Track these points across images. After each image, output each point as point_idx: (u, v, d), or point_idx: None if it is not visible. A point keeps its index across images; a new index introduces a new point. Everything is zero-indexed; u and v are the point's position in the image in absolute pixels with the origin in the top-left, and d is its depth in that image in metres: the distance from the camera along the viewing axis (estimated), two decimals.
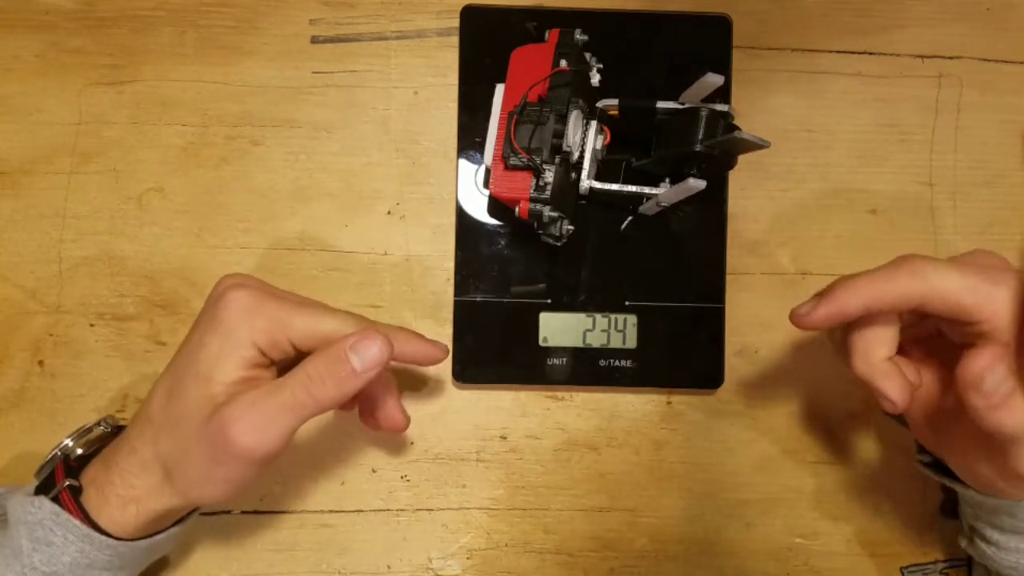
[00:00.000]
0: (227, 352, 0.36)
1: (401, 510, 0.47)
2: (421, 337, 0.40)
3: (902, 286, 0.35)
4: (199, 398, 0.35)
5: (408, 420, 0.42)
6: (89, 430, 0.41)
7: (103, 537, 0.36)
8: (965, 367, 0.33)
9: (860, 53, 0.48)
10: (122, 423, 0.43)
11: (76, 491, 0.37)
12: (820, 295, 0.37)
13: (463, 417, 0.47)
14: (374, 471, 0.47)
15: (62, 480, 0.37)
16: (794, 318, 0.37)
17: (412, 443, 0.47)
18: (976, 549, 0.41)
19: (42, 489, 0.37)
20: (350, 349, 0.35)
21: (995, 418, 0.33)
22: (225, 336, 0.36)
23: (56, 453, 0.39)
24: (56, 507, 0.36)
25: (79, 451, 0.39)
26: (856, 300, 0.35)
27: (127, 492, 0.36)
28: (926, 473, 0.42)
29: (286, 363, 0.39)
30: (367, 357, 0.35)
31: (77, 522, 0.35)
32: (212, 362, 0.36)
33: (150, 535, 0.38)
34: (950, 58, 0.49)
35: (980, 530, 0.41)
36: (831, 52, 0.48)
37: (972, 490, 0.39)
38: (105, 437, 0.41)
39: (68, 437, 0.40)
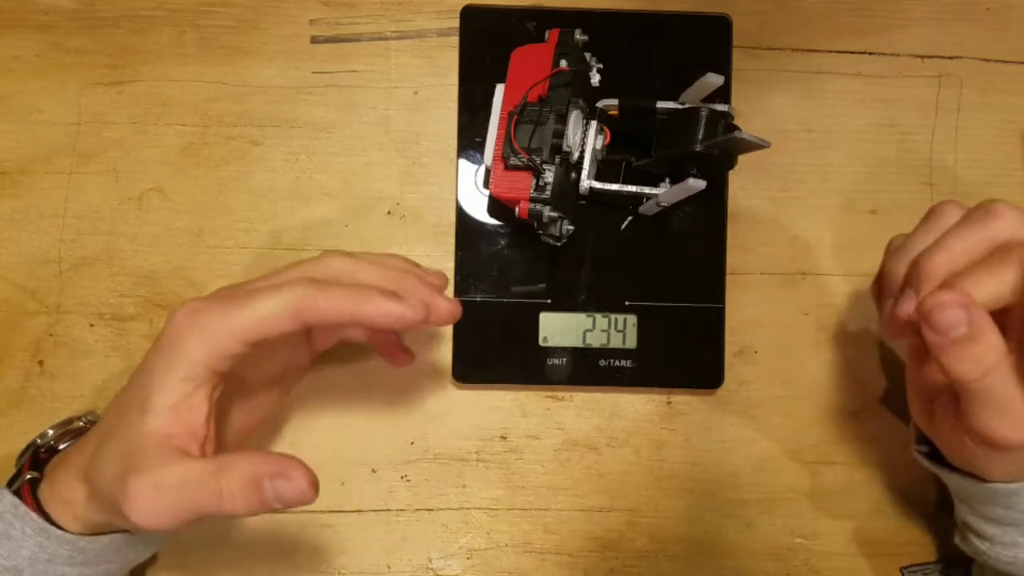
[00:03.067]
0: (167, 375, 0.33)
1: (401, 510, 0.47)
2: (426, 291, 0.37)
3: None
4: (132, 433, 0.33)
5: (413, 356, 0.43)
6: (70, 422, 0.40)
7: (60, 532, 0.35)
8: (925, 299, 0.33)
9: (860, 53, 0.48)
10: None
11: (35, 483, 0.36)
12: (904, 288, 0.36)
13: (463, 417, 0.47)
14: (374, 471, 0.47)
15: (26, 471, 0.36)
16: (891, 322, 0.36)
17: (412, 443, 0.47)
18: (970, 545, 0.41)
19: (12, 480, 0.37)
20: (269, 478, 0.32)
21: (945, 360, 0.33)
22: (167, 359, 0.33)
23: (35, 440, 0.38)
24: (16, 500, 0.35)
25: (52, 443, 0.39)
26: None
27: (67, 494, 0.35)
28: (923, 463, 0.42)
29: (256, 362, 0.38)
30: (284, 495, 0.32)
31: (34, 515, 0.34)
32: (153, 388, 0.33)
33: (110, 532, 0.37)
34: (950, 58, 0.49)
35: (973, 525, 0.40)
36: (831, 52, 0.48)
37: (966, 477, 0.38)
38: (80, 431, 0.40)
39: (52, 427, 0.40)
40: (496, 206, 0.46)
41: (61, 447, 0.39)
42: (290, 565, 0.46)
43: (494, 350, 0.46)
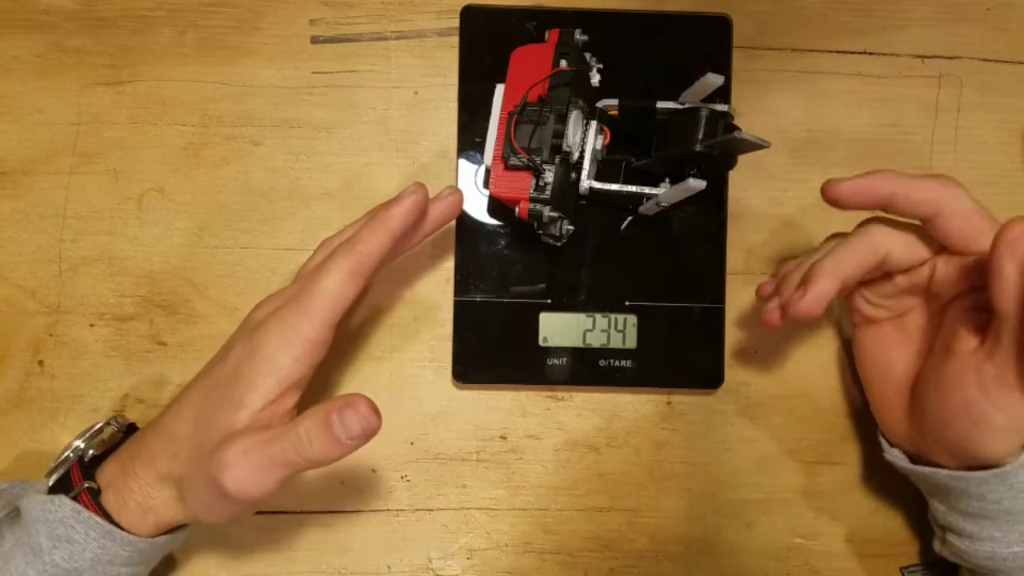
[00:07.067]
0: (259, 380, 0.36)
1: (401, 510, 0.47)
2: (427, 199, 0.40)
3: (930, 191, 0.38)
4: (225, 426, 0.36)
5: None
6: (100, 431, 0.41)
7: (125, 534, 0.37)
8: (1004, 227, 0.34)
9: (860, 53, 0.48)
10: (132, 422, 0.43)
11: (95, 493, 0.37)
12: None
13: (463, 417, 0.47)
14: (374, 471, 0.47)
15: (80, 482, 0.37)
16: (828, 187, 0.40)
17: (412, 443, 0.47)
18: (949, 547, 0.41)
19: (58, 489, 0.38)
20: (336, 412, 0.34)
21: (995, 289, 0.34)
22: (256, 365, 0.36)
23: (68, 455, 0.40)
24: (77, 505, 0.36)
25: (91, 452, 0.40)
26: (886, 187, 0.39)
27: (145, 501, 0.37)
28: (899, 466, 0.42)
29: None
30: (350, 427, 0.34)
31: (99, 520, 0.36)
32: (245, 389, 0.36)
33: (167, 531, 0.39)
34: (950, 58, 0.49)
35: (951, 524, 0.41)
36: (831, 52, 0.48)
37: (938, 471, 0.39)
38: (115, 435, 0.41)
39: (78, 438, 0.40)
40: (496, 206, 0.46)
41: (96, 453, 0.40)
42: (290, 565, 0.46)
43: (494, 350, 0.46)
